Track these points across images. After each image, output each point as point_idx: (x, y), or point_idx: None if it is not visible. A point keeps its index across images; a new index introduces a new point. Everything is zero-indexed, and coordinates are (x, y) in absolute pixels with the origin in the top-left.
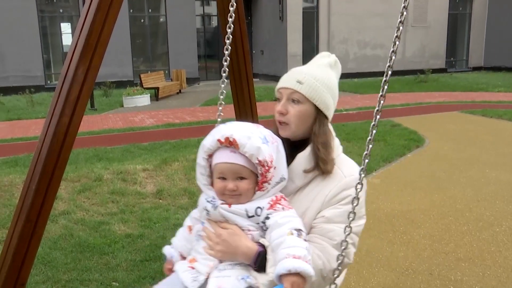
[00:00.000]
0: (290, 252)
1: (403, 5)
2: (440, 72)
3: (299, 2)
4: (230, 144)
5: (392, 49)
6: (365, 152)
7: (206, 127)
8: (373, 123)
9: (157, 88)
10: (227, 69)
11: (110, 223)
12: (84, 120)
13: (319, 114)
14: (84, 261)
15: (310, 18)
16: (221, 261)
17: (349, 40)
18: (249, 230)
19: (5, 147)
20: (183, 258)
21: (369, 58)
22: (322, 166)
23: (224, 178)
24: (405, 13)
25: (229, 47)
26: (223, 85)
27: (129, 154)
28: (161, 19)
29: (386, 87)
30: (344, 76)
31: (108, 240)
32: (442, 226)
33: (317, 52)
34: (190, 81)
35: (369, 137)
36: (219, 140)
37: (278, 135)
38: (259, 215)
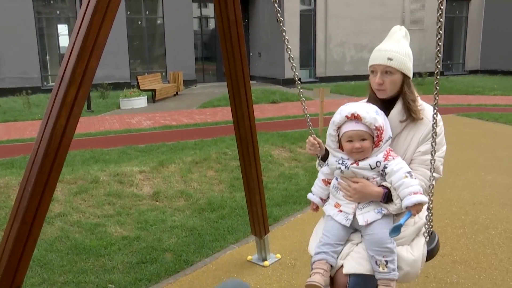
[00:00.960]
0: (411, 190)
1: (438, 25)
2: None
3: (297, 5)
4: (354, 118)
5: (436, 60)
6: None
7: (203, 130)
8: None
9: (154, 90)
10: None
11: (107, 225)
12: (81, 121)
13: (405, 78)
14: (80, 263)
15: (308, 21)
16: (359, 203)
17: (346, 43)
18: (373, 178)
19: (1, 149)
20: (322, 200)
21: (366, 61)
22: (414, 116)
23: (351, 141)
24: (441, 32)
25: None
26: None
27: (126, 156)
28: (158, 21)
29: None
30: (341, 78)
31: (104, 242)
32: (438, 229)
33: (314, 55)
34: (187, 83)
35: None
36: (346, 116)
37: (375, 98)
38: (379, 166)
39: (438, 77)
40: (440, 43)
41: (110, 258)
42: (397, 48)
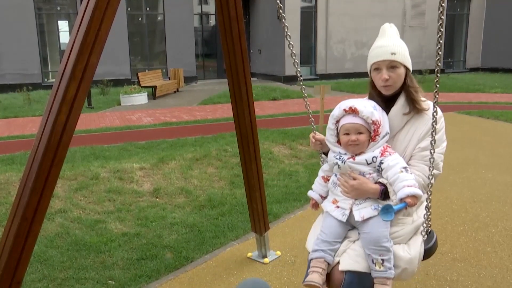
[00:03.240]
0: (405, 184)
1: (439, 23)
2: None
3: (297, 1)
4: (352, 111)
5: (437, 57)
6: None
7: (203, 126)
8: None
9: (155, 87)
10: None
11: (107, 221)
12: (81, 118)
13: (407, 71)
14: (81, 260)
15: (308, 18)
16: (356, 198)
17: (347, 40)
18: (370, 174)
19: (1, 145)
20: (322, 197)
21: (367, 59)
22: (418, 106)
23: (348, 134)
24: (442, 30)
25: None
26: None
27: (126, 152)
28: (159, 18)
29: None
30: (341, 76)
31: (104, 238)
32: (438, 227)
33: (315, 52)
34: (188, 80)
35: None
36: (344, 110)
37: (377, 96)
38: (375, 162)
39: (439, 75)
40: (441, 41)
41: (110, 255)
42: (397, 42)
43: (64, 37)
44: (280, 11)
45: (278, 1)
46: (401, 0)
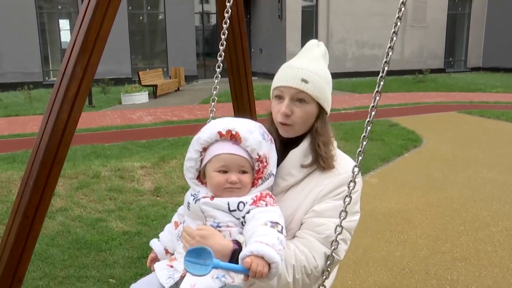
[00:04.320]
0: (258, 239)
1: (401, 1)
2: (438, 72)
3: (298, 1)
4: (231, 137)
5: (389, 45)
6: (359, 149)
7: (204, 125)
8: (368, 119)
9: (156, 86)
10: (221, 64)
11: (108, 220)
12: (82, 117)
13: (321, 112)
14: (81, 258)
15: (309, 17)
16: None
17: (348, 39)
18: (227, 226)
19: (3, 144)
20: (168, 253)
21: (367, 58)
22: (322, 163)
23: (225, 172)
24: (403, 8)
25: (224, 42)
26: (216, 81)
27: (127, 151)
28: (160, 17)
29: (382, 83)
30: (342, 75)
31: (105, 237)
32: (438, 226)
33: None
34: (189, 78)
35: (363, 134)
36: (219, 133)
37: (274, 133)
38: (241, 210)
39: (382, 83)
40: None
41: (111, 253)
42: (315, 69)
43: (65, 36)
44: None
45: (278, 1)
46: None
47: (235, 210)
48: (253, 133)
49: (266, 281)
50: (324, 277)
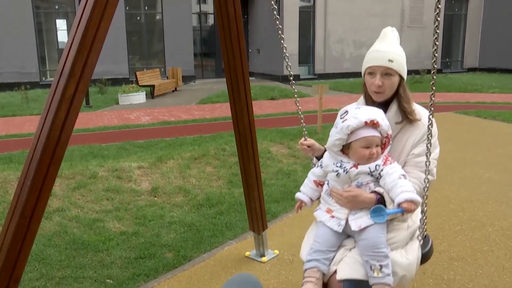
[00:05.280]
0: (403, 189)
1: (436, 24)
2: None
3: (296, 1)
4: (373, 125)
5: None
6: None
7: (201, 125)
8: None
9: (153, 86)
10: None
11: (105, 220)
12: (79, 117)
13: (402, 81)
14: (79, 258)
15: (307, 17)
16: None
17: (345, 40)
18: (367, 184)
19: None
20: (311, 200)
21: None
22: (410, 117)
23: (368, 147)
24: (438, 31)
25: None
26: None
27: (124, 151)
28: (157, 17)
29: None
30: (339, 75)
31: (102, 237)
32: (435, 226)
33: (313, 52)
34: (186, 79)
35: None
36: (365, 122)
37: (371, 101)
38: (377, 170)
39: (435, 77)
40: (437, 42)
41: (109, 253)
42: (396, 50)
43: (62, 36)
44: (275, 12)
45: (273, 1)
46: (399, 0)
47: (374, 171)
48: (384, 120)
49: (410, 213)
50: (427, 184)
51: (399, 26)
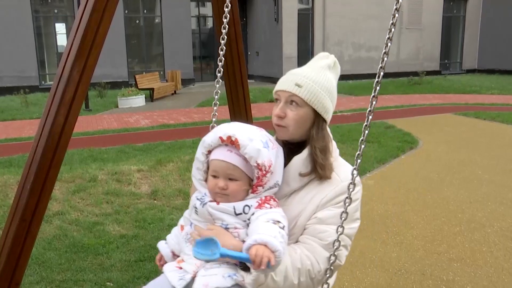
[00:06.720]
0: (260, 232)
1: (395, 7)
2: (434, 75)
3: (295, 4)
4: (231, 143)
5: (384, 51)
6: (358, 152)
7: (201, 128)
8: (365, 123)
9: (152, 89)
10: (222, 69)
11: (105, 223)
12: (79, 120)
13: (317, 118)
14: (79, 262)
15: (305, 20)
16: (207, 260)
17: (344, 42)
18: (235, 228)
19: None
20: (174, 255)
21: (364, 60)
22: (320, 171)
23: (216, 176)
24: (397, 15)
25: (224, 47)
26: (217, 85)
27: (124, 154)
28: (156, 20)
29: (378, 88)
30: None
31: (102, 240)
32: (435, 227)
33: (312, 54)
34: (185, 82)
35: (361, 138)
36: (220, 138)
37: (280, 140)
38: (246, 213)
39: (378, 88)
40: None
41: (109, 257)
42: (312, 75)
43: (62, 39)
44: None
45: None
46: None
47: (241, 214)
48: (253, 141)
49: (269, 271)
50: (327, 275)
51: (398, 27)
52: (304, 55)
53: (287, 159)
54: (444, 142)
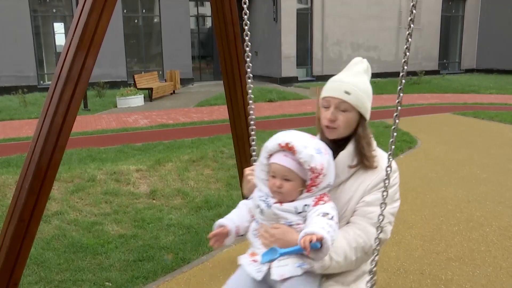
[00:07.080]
0: (309, 225)
1: (409, 18)
2: (432, 74)
3: (293, 3)
4: (288, 149)
5: (405, 46)
6: (391, 140)
7: (199, 128)
8: (395, 113)
9: (151, 89)
10: (250, 65)
11: (103, 223)
12: (78, 120)
13: (361, 118)
14: (77, 262)
15: (304, 20)
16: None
17: (343, 42)
18: (298, 224)
19: None
20: (238, 231)
21: None
22: (367, 163)
23: (274, 177)
24: (414, 11)
25: (249, 44)
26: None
27: (123, 154)
28: (155, 20)
29: (403, 80)
30: None
31: (101, 240)
32: (433, 226)
33: (311, 54)
34: (184, 81)
35: (393, 126)
36: (279, 144)
37: (324, 136)
38: (306, 211)
39: (403, 81)
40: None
41: (107, 256)
42: (356, 83)
43: (60, 39)
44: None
45: (273, 4)
46: (396, 1)
47: (301, 212)
48: (307, 148)
49: (320, 256)
50: (378, 247)
51: (397, 27)
52: (303, 55)
53: (334, 155)
54: (442, 142)
